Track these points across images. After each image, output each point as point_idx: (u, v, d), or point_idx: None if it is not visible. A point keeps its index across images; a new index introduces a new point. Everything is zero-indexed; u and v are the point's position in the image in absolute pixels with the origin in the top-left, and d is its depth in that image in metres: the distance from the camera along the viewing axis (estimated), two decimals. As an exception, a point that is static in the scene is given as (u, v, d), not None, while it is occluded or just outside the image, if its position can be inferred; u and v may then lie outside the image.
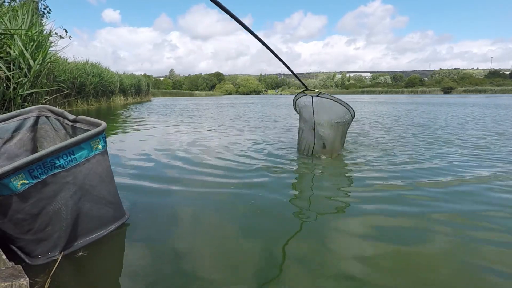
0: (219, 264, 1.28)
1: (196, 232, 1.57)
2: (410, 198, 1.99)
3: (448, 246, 1.41)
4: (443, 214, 1.75)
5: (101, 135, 1.39)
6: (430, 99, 25.38)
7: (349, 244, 1.44)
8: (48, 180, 1.21)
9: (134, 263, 1.28)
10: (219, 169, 2.75)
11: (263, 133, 5.20)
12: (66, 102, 10.88)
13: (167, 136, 4.95)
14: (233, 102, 22.72)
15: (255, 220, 1.70)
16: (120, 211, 1.58)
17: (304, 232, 1.56)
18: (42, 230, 1.24)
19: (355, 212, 1.80)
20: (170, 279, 1.17)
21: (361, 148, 3.68)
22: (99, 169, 1.40)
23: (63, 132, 1.74)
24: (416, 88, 71.41)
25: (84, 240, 1.39)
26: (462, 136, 4.71)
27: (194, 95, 59.89)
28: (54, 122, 1.76)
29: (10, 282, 0.94)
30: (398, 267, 1.25)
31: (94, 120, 1.48)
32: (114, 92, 17.40)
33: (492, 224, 1.62)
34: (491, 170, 2.64)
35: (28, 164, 1.13)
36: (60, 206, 1.27)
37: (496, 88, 60.59)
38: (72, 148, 1.27)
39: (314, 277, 1.18)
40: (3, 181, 1.09)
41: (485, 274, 1.19)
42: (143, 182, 2.35)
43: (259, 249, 1.39)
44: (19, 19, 5.44)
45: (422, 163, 2.90)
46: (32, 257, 1.26)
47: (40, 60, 5.34)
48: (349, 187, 2.30)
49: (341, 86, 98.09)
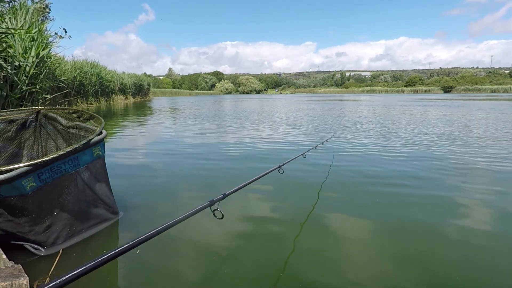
0: (212, 262, 1.31)
1: (187, 228, 1.60)
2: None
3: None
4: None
5: (102, 142, 1.46)
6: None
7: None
8: (54, 183, 1.28)
9: (128, 260, 1.31)
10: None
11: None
12: (66, 101, 10.88)
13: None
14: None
15: (254, 220, 1.73)
16: (114, 210, 1.64)
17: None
18: (45, 228, 1.30)
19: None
20: (163, 276, 1.20)
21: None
22: (97, 172, 1.47)
23: (58, 136, 1.78)
24: (416, 87, 71.27)
25: (81, 236, 1.45)
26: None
27: (193, 95, 59.84)
28: (48, 126, 1.81)
29: (10, 282, 0.96)
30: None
31: (91, 127, 1.55)
32: (114, 92, 17.39)
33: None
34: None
35: (38, 168, 1.19)
36: (62, 206, 1.33)
37: (496, 87, 60.52)
38: (77, 154, 1.34)
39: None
40: (15, 183, 1.14)
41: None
42: (140, 182, 2.38)
43: (258, 248, 1.42)
44: (19, 19, 5.45)
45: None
46: (36, 249, 1.32)
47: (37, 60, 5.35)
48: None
49: (341, 85, 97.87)
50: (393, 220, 1.73)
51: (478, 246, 1.45)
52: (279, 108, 13.03)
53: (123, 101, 19.09)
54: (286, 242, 1.48)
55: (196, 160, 3.16)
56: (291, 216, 1.80)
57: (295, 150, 3.71)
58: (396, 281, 1.18)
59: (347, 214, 1.80)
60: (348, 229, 1.63)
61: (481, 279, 1.20)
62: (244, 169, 2.82)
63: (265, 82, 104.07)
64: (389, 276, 1.21)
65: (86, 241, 1.44)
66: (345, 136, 4.86)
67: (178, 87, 78.17)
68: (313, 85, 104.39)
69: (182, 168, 2.84)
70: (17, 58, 5.08)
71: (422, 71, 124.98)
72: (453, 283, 1.17)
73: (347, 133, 5.15)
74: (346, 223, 1.70)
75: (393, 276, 1.21)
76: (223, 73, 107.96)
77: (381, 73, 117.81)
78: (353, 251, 1.40)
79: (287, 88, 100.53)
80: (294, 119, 7.95)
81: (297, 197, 2.12)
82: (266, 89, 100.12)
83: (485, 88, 61.10)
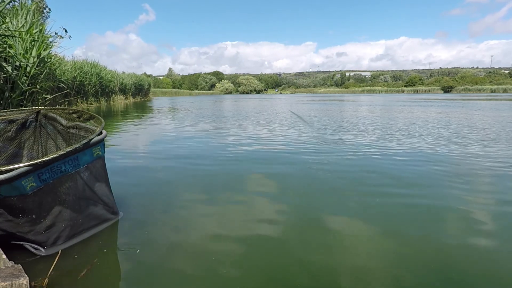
0: (207, 262, 1.31)
1: (188, 228, 1.60)
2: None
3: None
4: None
5: (102, 142, 1.46)
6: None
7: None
8: (54, 183, 1.28)
9: (127, 260, 1.31)
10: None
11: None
12: (66, 101, 10.89)
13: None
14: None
15: (255, 220, 1.73)
16: (114, 210, 1.64)
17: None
18: (45, 228, 1.30)
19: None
20: (162, 276, 1.20)
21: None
22: (97, 172, 1.47)
23: (58, 136, 1.78)
24: (416, 87, 71.24)
25: (81, 236, 1.45)
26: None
27: (193, 95, 59.84)
28: (48, 126, 1.81)
29: (10, 282, 0.97)
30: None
31: (91, 127, 1.55)
32: (114, 92, 17.39)
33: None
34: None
35: (38, 168, 1.19)
36: (62, 206, 1.33)
37: (496, 87, 60.48)
38: (77, 154, 1.34)
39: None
40: (15, 183, 1.14)
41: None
42: (140, 183, 2.38)
43: (257, 247, 1.42)
44: (20, 19, 5.45)
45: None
46: (36, 249, 1.33)
47: (38, 60, 5.36)
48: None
49: (341, 85, 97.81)
50: (394, 220, 1.73)
51: (478, 246, 1.45)
52: (278, 109, 13.03)
53: (123, 101, 19.10)
54: (287, 243, 1.48)
55: (196, 160, 3.17)
56: (292, 216, 1.80)
57: (295, 150, 3.71)
58: (399, 281, 1.18)
59: (348, 214, 1.80)
60: (349, 229, 1.63)
61: (481, 279, 1.20)
62: (244, 169, 2.82)
63: (265, 82, 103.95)
64: (391, 276, 1.21)
65: (86, 242, 1.44)
66: (345, 136, 4.86)
67: (178, 87, 78.08)
68: (313, 85, 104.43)
69: (182, 168, 2.85)
70: (17, 58, 5.09)
71: (422, 71, 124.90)
72: (454, 283, 1.18)
73: (347, 134, 5.15)
74: (347, 224, 1.70)
75: (397, 277, 1.21)
76: (223, 73, 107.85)
77: (381, 73, 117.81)
78: (354, 251, 1.40)
79: (287, 88, 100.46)
80: (294, 119, 7.95)
81: (298, 197, 2.12)
82: (266, 89, 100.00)
83: (485, 88, 61.08)
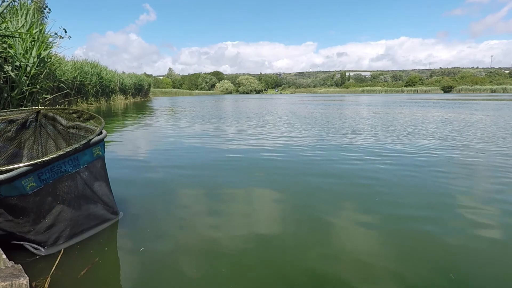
0: (207, 262, 1.31)
1: (190, 228, 1.60)
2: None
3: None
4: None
5: (102, 142, 1.46)
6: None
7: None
8: (54, 183, 1.28)
9: (127, 260, 1.31)
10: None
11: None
12: (66, 101, 10.89)
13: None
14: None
15: (255, 221, 1.73)
16: (114, 210, 1.64)
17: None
18: (45, 228, 1.30)
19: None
20: (162, 275, 1.20)
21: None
22: (97, 172, 1.47)
23: (58, 136, 1.78)
24: (416, 87, 71.21)
25: (81, 236, 1.45)
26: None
27: (193, 95, 59.86)
28: (48, 126, 1.81)
29: (10, 282, 0.96)
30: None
31: (91, 127, 1.54)
32: (114, 92, 17.39)
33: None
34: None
35: (38, 168, 1.19)
36: (62, 206, 1.33)
37: (496, 87, 60.46)
38: (77, 154, 1.34)
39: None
40: (15, 183, 1.14)
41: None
42: (140, 183, 2.38)
43: (257, 247, 1.42)
44: (20, 19, 5.45)
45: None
46: (37, 249, 1.33)
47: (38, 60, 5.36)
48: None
49: (341, 85, 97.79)
50: (394, 220, 1.73)
51: (482, 244, 1.45)
52: (277, 109, 13.03)
53: (123, 101, 19.10)
54: (287, 243, 1.48)
55: (196, 160, 3.17)
56: (293, 216, 1.80)
57: (295, 150, 3.71)
58: (399, 281, 1.18)
59: (348, 214, 1.81)
60: (349, 229, 1.63)
61: (481, 280, 1.20)
62: (244, 169, 2.81)
63: (265, 82, 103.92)
64: (392, 276, 1.21)
65: (86, 241, 1.44)
66: (345, 136, 4.86)
67: (178, 87, 78.07)
68: (313, 85, 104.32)
69: (182, 168, 2.85)
70: (17, 58, 5.09)
71: (423, 71, 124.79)
72: (453, 283, 1.18)
73: (347, 134, 5.15)
74: (348, 224, 1.70)
75: (398, 277, 1.21)
76: (223, 73, 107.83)
77: (381, 73, 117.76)
78: (354, 251, 1.40)
79: (287, 88, 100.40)
80: (294, 120, 7.94)
81: (298, 197, 2.12)
82: (266, 89, 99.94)
83: (485, 88, 61.06)
